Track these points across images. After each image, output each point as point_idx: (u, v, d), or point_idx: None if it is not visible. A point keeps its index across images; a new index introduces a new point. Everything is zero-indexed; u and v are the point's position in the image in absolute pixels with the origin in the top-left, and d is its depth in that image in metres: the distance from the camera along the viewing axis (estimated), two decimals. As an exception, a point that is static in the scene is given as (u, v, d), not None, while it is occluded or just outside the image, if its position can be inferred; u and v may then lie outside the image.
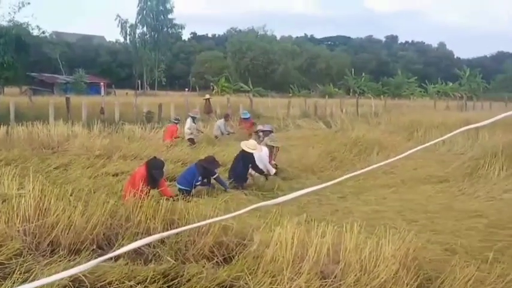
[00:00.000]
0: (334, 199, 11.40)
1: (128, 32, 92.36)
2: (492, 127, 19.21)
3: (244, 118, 24.80)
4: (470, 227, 9.06)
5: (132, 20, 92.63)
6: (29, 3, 57.15)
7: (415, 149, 2.42)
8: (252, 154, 12.54)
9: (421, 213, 10.14)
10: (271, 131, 16.26)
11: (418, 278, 5.85)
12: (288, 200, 1.99)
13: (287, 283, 5.61)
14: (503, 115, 2.11)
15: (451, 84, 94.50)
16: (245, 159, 12.55)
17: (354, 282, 5.73)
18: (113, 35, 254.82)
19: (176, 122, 20.32)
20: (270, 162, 13.60)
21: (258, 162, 12.68)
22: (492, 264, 6.42)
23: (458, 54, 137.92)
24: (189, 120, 19.96)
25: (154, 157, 10.69)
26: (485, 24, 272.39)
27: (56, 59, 77.09)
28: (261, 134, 16.91)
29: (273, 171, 13.36)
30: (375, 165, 2.40)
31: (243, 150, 12.65)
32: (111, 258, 5.42)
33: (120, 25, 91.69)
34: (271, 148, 14.18)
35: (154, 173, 9.80)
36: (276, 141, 15.39)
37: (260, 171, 12.80)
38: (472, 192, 12.42)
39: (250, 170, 12.74)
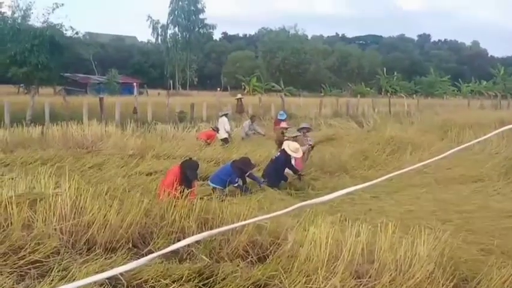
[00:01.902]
0: (367, 198, 11.31)
1: (159, 32, 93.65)
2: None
3: (279, 119, 22.85)
4: (506, 227, 8.95)
5: (163, 20, 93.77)
6: (62, 4, 57.60)
7: (454, 150, 2.40)
8: (290, 156, 12.53)
9: (456, 213, 10.01)
10: (306, 128, 16.00)
11: (454, 278, 5.80)
12: (329, 199, 1.99)
13: (322, 282, 5.61)
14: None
15: (485, 83, 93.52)
16: (284, 160, 12.54)
17: (389, 282, 5.70)
18: (144, 35, 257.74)
19: (216, 130, 20.30)
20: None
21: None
22: (530, 265, 6.33)
23: (492, 53, 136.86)
24: (225, 119, 20.04)
25: (190, 158, 10.76)
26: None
27: (89, 60, 77.78)
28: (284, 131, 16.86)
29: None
30: (414, 166, 2.39)
31: (283, 151, 12.63)
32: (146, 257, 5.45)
33: (151, 26, 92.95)
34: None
35: (188, 173, 9.85)
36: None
37: (295, 170, 12.77)
38: (508, 192, 12.25)
39: (287, 170, 12.71)
